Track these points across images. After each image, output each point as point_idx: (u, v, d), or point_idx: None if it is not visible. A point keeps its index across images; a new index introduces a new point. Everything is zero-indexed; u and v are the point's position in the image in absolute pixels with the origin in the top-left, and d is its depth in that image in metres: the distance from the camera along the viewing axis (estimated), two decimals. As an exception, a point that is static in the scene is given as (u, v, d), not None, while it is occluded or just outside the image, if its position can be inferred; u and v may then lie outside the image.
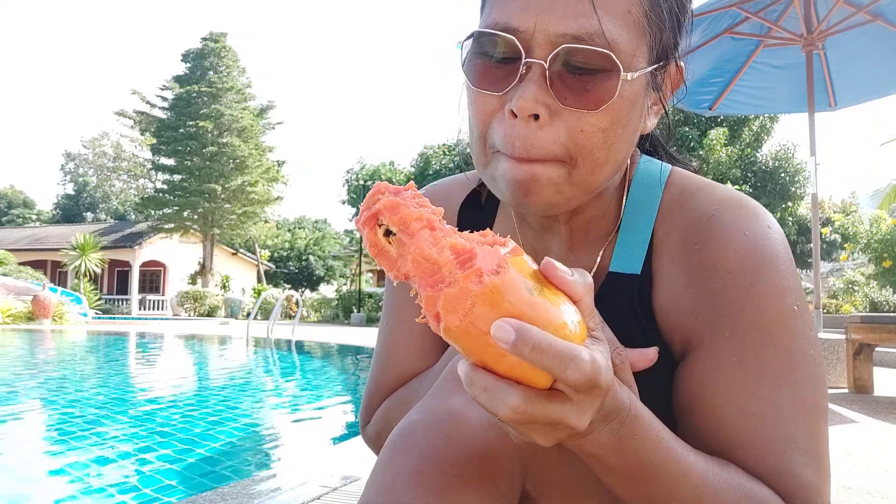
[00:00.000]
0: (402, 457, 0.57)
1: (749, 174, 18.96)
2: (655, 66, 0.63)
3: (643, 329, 0.68)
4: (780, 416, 0.59)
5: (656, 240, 0.69)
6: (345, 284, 33.98)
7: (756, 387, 0.60)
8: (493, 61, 0.61)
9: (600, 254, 0.72)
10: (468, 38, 0.62)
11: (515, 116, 0.58)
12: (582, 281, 0.48)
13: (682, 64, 0.68)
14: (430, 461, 0.55)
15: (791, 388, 0.60)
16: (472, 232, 0.48)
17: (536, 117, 0.58)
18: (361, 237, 0.49)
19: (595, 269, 0.72)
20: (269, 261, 38.94)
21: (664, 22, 0.62)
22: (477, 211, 0.83)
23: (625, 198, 0.72)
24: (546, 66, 0.57)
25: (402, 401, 0.79)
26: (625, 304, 0.68)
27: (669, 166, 0.75)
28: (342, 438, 3.55)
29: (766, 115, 18.96)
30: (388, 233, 0.48)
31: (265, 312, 21.05)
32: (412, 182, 0.51)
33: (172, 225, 31.57)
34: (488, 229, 0.48)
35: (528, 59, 0.58)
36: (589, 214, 0.72)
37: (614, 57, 0.57)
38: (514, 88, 0.59)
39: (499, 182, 0.63)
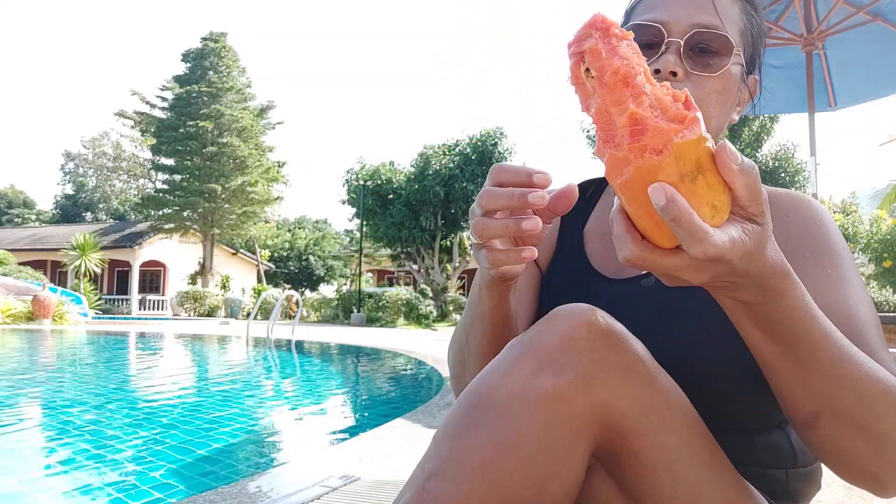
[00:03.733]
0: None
1: (749, 174, 18.96)
2: (745, 69, 0.87)
3: None
4: (862, 308, 0.73)
5: None
6: (345, 284, 33.97)
7: (841, 285, 0.75)
8: (640, 46, 0.74)
9: None
10: (622, 27, 0.78)
11: (657, 73, 0.80)
12: (744, 168, 0.50)
13: (757, 77, 0.92)
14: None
15: (860, 291, 0.76)
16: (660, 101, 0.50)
17: (674, 74, 0.80)
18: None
19: None
20: (269, 261, 38.92)
21: (754, 38, 0.88)
22: (581, 200, 0.96)
23: None
24: (681, 43, 0.81)
25: (461, 344, 0.88)
26: None
27: None
28: (342, 438, 3.55)
29: (766, 115, 18.96)
30: (588, 70, 0.52)
31: (265, 312, 21.05)
32: (627, 32, 0.54)
33: (172, 225, 31.55)
34: (686, 91, 0.51)
35: (669, 39, 0.81)
36: None
37: (730, 37, 0.81)
38: (655, 59, 0.81)
39: None
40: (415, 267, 25.43)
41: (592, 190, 1.02)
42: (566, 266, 0.93)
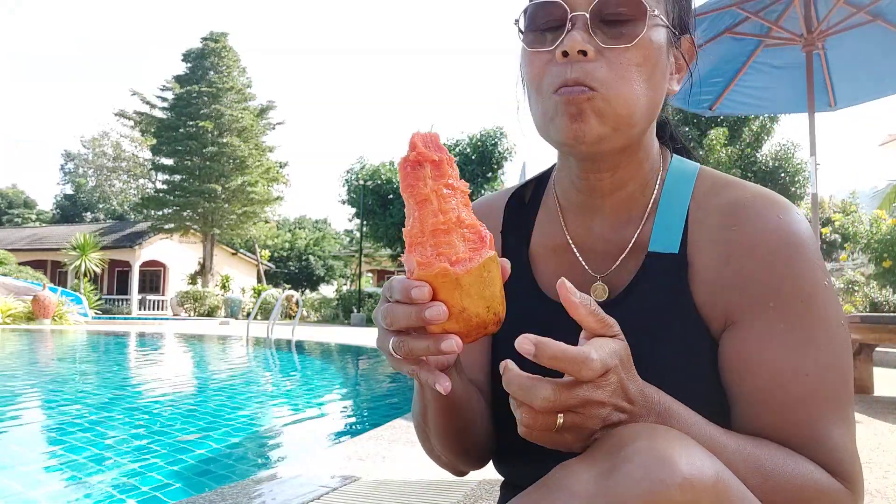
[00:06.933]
0: None
1: (749, 174, 18.95)
2: (673, 28, 0.76)
3: (679, 306, 0.73)
4: (825, 378, 0.66)
5: (691, 224, 0.76)
6: (345, 284, 33.97)
7: (805, 350, 0.66)
8: (544, 26, 0.73)
9: (636, 234, 0.79)
10: (523, 12, 0.75)
11: (566, 56, 0.69)
12: (583, 301, 0.58)
13: (694, 38, 0.80)
14: None
15: (830, 353, 0.67)
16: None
17: (584, 54, 0.69)
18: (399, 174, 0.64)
19: (630, 247, 0.79)
20: (269, 261, 38.92)
21: None
22: (520, 209, 0.90)
23: (659, 183, 0.81)
24: (588, 15, 0.69)
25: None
26: (663, 282, 0.75)
27: (699, 165, 0.83)
28: (342, 438, 3.55)
29: (766, 115, 18.95)
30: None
31: (265, 312, 21.04)
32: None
33: (172, 225, 31.55)
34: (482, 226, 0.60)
35: (573, 14, 0.70)
36: (630, 189, 0.79)
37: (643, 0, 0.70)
38: (563, 39, 0.70)
39: (555, 121, 0.71)
40: (415, 267, 25.40)
41: (530, 195, 0.91)
42: (512, 291, 0.69)
